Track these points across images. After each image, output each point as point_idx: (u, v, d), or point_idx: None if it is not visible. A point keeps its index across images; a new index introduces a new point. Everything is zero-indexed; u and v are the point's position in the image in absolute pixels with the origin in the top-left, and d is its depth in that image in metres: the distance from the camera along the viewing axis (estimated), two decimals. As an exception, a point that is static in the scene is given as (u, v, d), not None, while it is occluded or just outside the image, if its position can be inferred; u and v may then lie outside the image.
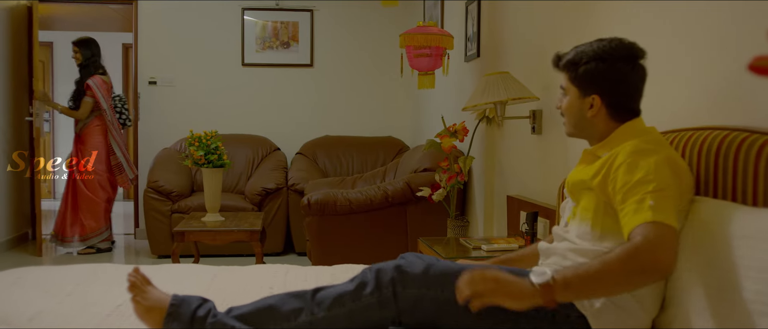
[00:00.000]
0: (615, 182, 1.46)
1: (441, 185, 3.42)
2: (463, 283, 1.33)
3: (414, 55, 3.72)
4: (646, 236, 1.30)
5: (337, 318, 1.48)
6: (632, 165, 1.43)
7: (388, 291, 1.47)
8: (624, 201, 1.41)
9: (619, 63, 1.57)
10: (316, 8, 5.85)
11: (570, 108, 1.66)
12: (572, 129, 1.69)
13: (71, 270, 2.17)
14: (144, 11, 5.63)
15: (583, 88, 1.61)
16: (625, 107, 1.60)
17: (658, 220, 1.32)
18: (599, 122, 1.62)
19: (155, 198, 4.82)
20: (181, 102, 5.69)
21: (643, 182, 1.39)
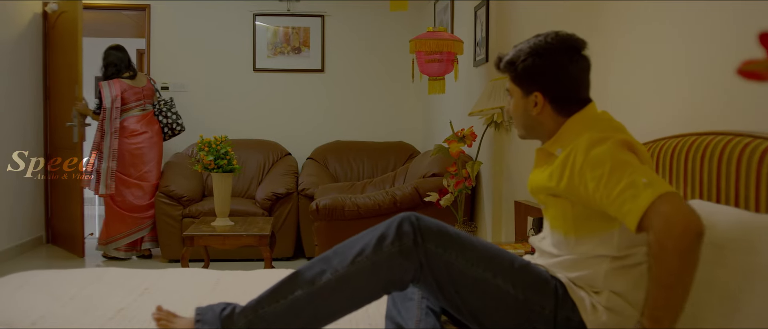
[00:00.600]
0: (586, 183, 1.39)
1: (449, 190, 3.41)
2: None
3: (425, 60, 3.72)
4: (665, 216, 1.22)
5: (361, 271, 1.45)
6: (594, 160, 1.38)
7: (409, 239, 1.44)
8: (610, 195, 1.33)
9: (555, 56, 1.53)
10: (327, 14, 5.88)
11: (516, 109, 1.63)
12: (522, 130, 1.66)
13: (76, 274, 2.19)
14: (156, 17, 5.68)
15: (524, 86, 1.58)
16: (569, 99, 1.56)
17: (660, 193, 1.25)
18: (546, 119, 1.58)
19: (166, 203, 4.85)
20: (193, 107, 5.73)
21: (616, 168, 1.33)
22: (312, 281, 1.47)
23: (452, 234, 1.48)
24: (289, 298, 1.47)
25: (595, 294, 1.45)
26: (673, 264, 1.21)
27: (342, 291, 1.46)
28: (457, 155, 3.38)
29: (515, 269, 1.46)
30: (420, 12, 5.77)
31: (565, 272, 1.50)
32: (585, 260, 1.47)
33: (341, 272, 1.45)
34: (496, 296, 1.44)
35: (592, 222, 1.45)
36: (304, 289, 1.47)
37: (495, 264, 1.46)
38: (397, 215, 1.49)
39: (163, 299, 1.93)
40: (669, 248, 1.21)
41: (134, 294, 1.97)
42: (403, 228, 1.45)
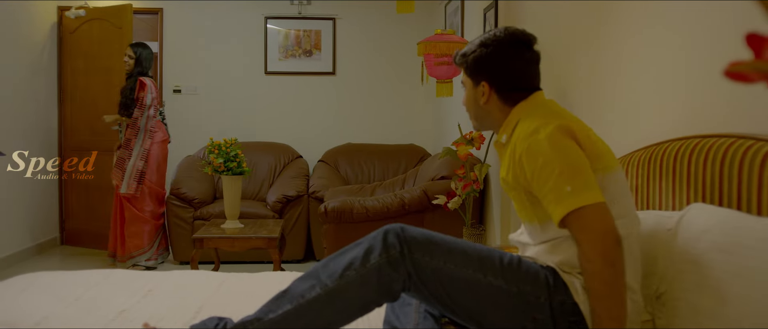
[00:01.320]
0: (524, 173, 1.48)
1: (456, 193, 3.40)
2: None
3: (435, 63, 3.71)
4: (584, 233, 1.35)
5: (350, 284, 1.45)
6: (530, 151, 1.46)
7: (395, 250, 1.45)
8: (540, 190, 1.44)
9: (501, 48, 1.61)
10: (338, 16, 5.89)
11: (468, 100, 1.70)
12: (474, 121, 1.73)
13: (82, 276, 2.20)
14: (169, 20, 5.73)
15: (474, 76, 1.66)
16: (513, 88, 1.63)
17: (581, 204, 1.35)
18: (493, 109, 1.65)
19: (178, 205, 4.88)
20: (204, 110, 5.76)
21: (547, 164, 1.41)
22: (302, 295, 1.48)
23: (438, 241, 1.49)
24: (279, 313, 1.48)
25: (581, 275, 1.47)
26: (603, 273, 1.33)
27: (332, 304, 1.46)
28: (465, 157, 3.37)
29: (504, 265, 1.48)
30: (431, 14, 5.76)
31: (549, 258, 1.53)
32: (558, 243, 1.51)
33: (330, 286, 1.46)
34: (490, 294, 1.45)
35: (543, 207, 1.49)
36: (294, 304, 1.47)
37: (484, 263, 1.47)
38: (382, 228, 1.50)
39: (166, 301, 1.94)
40: (595, 259, 1.34)
41: (138, 295, 1.99)
42: (388, 240, 1.46)
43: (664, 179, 1.75)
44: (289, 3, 5.82)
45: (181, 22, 5.75)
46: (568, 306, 1.44)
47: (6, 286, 2.07)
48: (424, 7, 5.73)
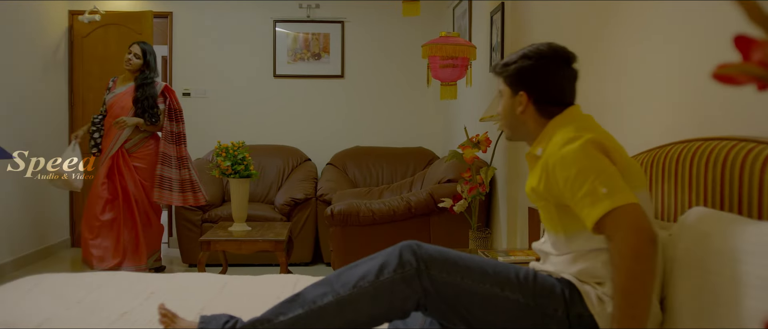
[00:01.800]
0: (557, 181, 1.49)
1: (462, 196, 3.39)
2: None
3: (440, 65, 3.71)
4: (619, 231, 1.34)
5: (362, 295, 1.47)
6: (564, 160, 1.47)
7: (411, 268, 1.47)
8: (574, 197, 1.44)
9: (543, 61, 1.64)
10: (347, 19, 5.90)
11: (504, 109, 1.72)
12: (507, 130, 1.76)
13: (87, 278, 2.22)
14: (178, 24, 5.76)
15: (513, 86, 1.68)
16: (551, 102, 1.65)
17: (617, 204, 1.36)
18: (529, 120, 1.67)
19: (186, 208, 4.90)
20: (214, 113, 5.79)
21: (582, 172, 1.42)
22: (313, 301, 1.50)
23: (454, 257, 1.51)
24: (289, 317, 1.50)
25: (599, 285, 1.49)
26: (631, 268, 1.32)
27: (343, 313, 1.48)
28: (471, 160, 3.36)
29: (521, 279, 1.49)
30: (439, 17, 5.76)
31: (568, 268, 1.53)
32: (583, 254, 1.52)
33: (343, 295, 1.48)
34: (508, 308, 1.47)
35: (576, 219, 1.50)
36: (305, 309, 1.49)
37: (501, 278, 1.49)
38: (398, 244, 1.53)
39: (168, 303, 1.95)
40: (626, 254, 1.32)
41: (140, 297, 2.00)
42: (404, 257, 1.48)
43: (666, 182, 1.74)
44: (298, 6, 5.84)
45: (191, 25, 5.78)
46: (586, 319, 1.45)
47: (11, 288, 2.08)
48: (432, 10, 5.73)
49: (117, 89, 4.39)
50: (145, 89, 4.31)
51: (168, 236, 5.78)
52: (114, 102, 4.33)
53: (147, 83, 4.33)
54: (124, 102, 4.30)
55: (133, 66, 4.35)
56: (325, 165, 5.68)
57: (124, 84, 4.40)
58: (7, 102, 4.60)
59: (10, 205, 4.59)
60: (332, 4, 5.87)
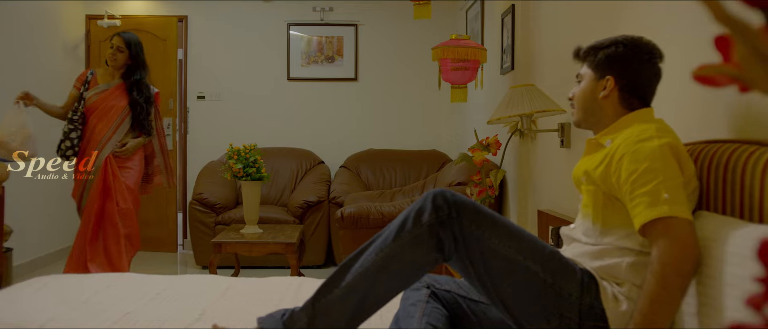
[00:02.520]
0: (619, 172, 1.46)
1: (472, 199, 3.38)
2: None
3: (452, 68, 3.70)
4: (668, 240, 1.32)
5: (404, 246, 1.48)
6: (637, 154, 1.44)
7: (444, 212, 1.47)
8: (632, 192, 1.41)
9: (639, 50, 1.63)
10: (360, 22, 5.91)
11: (583, 92, 1.70)
12: (581, 114, 1.71)
13: (93, 279, 2.25)
14: (193, 28, 5.81)
15: (599, 70, 1.66)
16: (637, 93, 1.63)
17: (675, 214, 1.34)
18: (608, 106, 1.64)
19: (200, 210, 4.94)
20: (228, 116, 5.83)
21: (651, 171, 1.40)
22: (361, 265, 1.51)
23: (486, 213, 1.52)
24: (341, 286, 1.51)
25: (617, 285, 1.49)
26: (670, 280, 1.30)
27: (389, 268, 1.49)
28: (480, 163, 3.35)
29: (546, 254, 1.50)
30: (453, 19, 5.75)
31: (590, 261, 1.53)
32: (610, 250, 1.52)
33: (386, 251, 1.49)
34: (525, 277, 1.47)
35: (619, 214, 1.50)
36: (353, 274, 1.51)
37: (526, 246, 1.49)
38: (430, 191, 1.53)
39: (172, 304, 1.97)
40: (668, 263, 1.30)
41: (145, 298, 2.01)
42: (437, 202, 1.49)
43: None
44: (312, 9, 5.87)
45: (206, 29, 5.83)
46: (597, 311, 1.45)
47: (19, 288, 2.12)
48: (445, 13, 5.72)
49: (100, 86, 3.77)
50: (141, 91, 3.79)
51: (182, 237, 5.84)
52: (99, 101, 3.73)
53: (142, 84, 3.79)
54: (113, 102, 3.72)
55: (118, 62, 3.76)
56: (339, 168, 5.69)
57: (107, 80, 3.79)
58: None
59: (28, 205, 4.65)
60: (346, 7, 5.89)
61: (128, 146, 3.76)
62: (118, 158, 3.75)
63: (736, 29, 0.55)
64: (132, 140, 3.80)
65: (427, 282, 1.74)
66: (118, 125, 3.74)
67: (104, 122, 3.71)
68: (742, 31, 0.54)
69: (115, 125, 3.73)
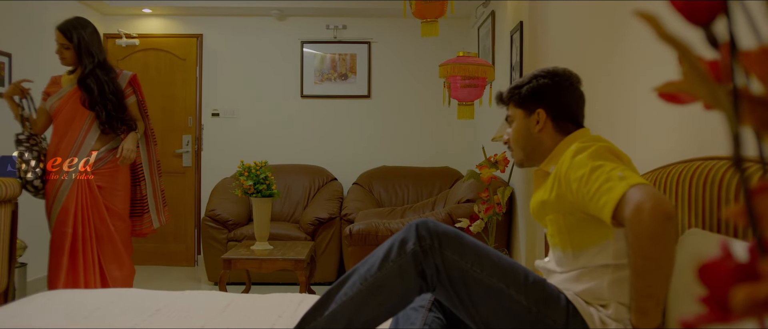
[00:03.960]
0: (569, 186, 1.48)
1: (479, 216, 3.37)
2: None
3: (461, 85, 3.71)
4: (633, 211, 1.27)
5: (389, 275, 1.49)
6: (577, 163, 1.47)
7: (426, 243, 1.49)
8: (590, 192, 1.41)
9: (559, 78, 1.70)
10: (373, 40, 5.94)
11: (517, 132, 1.74)
12: (522, 154, 1.75)
13: (96, 295, 2.27)
14: (208, 46, 5.89)
15: (527, 106, 1.71)
16: (568, 118, 1.69)
17: (633, 183, 1.32)
18: (545, 137, 1.69)
19: (212, 226, 4.97)
20: (242, 133, 5.88)
21: (596, 168, 1.42)
22: (345, 293, 1.52)
23: (469, 242, 1.52)
24: (326, 315, 1.52)
25: (603, 307, 1.48)
26: (646, 248, 1.26)
27: (374, 297, 1.50)
28: (488, 180, 3.34)
29: (529, 282, 1.49)
30: (465, 37, 5.76)
31: (572, 286, 1.53)
32: (587, 272, 1.51)
33: (371, 281, 1.50)
34: (508, 307, 1.47)
35: (585, 233, 1.50)
36: (338, 302, 1.52)
37: (509, 275, 1.49)
38: (414, 221, 1.55)
39: (171, 321, 1.98)
40: (640, 233, 1.26)
41: (145, 314, 2.03)
42: (420, 232, 1.51)
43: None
44: (325, 27, 5.92)
45: (221, 47, 5.90)
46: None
47: (23, 303, 2.14)
48: (457, 30, 5.74)
49: (63, 89, 3.31)
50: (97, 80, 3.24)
51: (196, 254, 5.88)
52: (62, 104, 3.28)
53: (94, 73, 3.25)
54: (77, 104, 3.26)
55: (67, 60, 3.29)
56: (352, 185, 5.70)
57: (68, 81, 3.33)
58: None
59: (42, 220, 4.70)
60: (359, 25, 5.93)
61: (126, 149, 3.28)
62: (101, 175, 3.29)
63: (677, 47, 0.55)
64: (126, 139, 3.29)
65: None
66: (87, 130, 3.27)
67: (73, 128, 3.26)
68: (682, 50, 0.54)
69: (85, 129, 3.27)
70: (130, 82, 3.40)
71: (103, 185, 3.30)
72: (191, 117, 5.82)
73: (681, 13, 0.51)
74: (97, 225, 3.25)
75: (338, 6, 5.65)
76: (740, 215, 0.47)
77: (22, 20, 4.58)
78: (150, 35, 5.81)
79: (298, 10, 5.75)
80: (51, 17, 4.74)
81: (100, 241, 3.26)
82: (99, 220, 3.26)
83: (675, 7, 0.50)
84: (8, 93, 3.25)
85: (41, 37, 4.78)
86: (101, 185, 3.29)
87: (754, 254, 0.47)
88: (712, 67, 0.55)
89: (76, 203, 3.21)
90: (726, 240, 0.43)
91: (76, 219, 3.20)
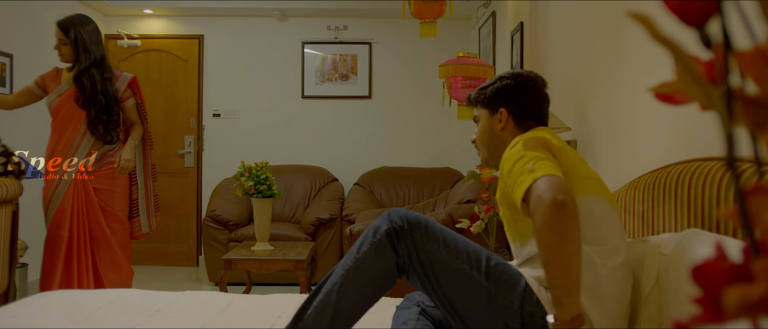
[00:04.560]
0: (504, 180, 1.55)
1: (479, 216, 3.36)
2: None
3: (462, 85, 3.70)
4: (532, 203, 1.36)
5: (366, 258, 1.55)
6: (509, 157, 1.53)
7: (397, 225, 1.55)
8: (509, 184, 1.50)
9: (522, 79, 1.77)
10: (374, 41, 5.95)
11: (482, 130, 1.80)
12: (486, 151, 1.83)
13: (97, 295, 2.27)
14: (209, 47, 5.89)
15: (491, 106, 1.78)
16: (530, 116, 1.75)
17: (537, 176, 1.39)
18: (507, 135, 1.74)
19: (213, 227, 4.97)
20: (243, 134, 5.88)
21: (517, 160, 1.48)
22: (330, 283, 1.58)
23: (437, 227, 1.59)
24: (312, 308, 1.57)
25: None
26: (546, 239, 1.33)
27: (356, 280, 1.56)
28: (488, 181, 3.33)
29: (491, 265, 1.54)
30: (466, 37, 5.76)
31: (531, 272, 1.56)
32: (535, 258, 1.56)
33: (351, 265, 1.57)
34: (471, 288, 1.52)
35: (526, 222, 1.55)
36: (324, 292, 1.57)
37: (472, 257, 1.54)
38: (387, 211, 1.61)
39: (171, 321, 1.98)
40: (539, 225, 1.33)
41: (145, 315, 2.03)
42: (392, 217, 1.58)
43: (667, 203, 1.70)
44: (326, 28, 5.92)
45: (222, 48, 5.91)
46: (538, 320, 1.47)
47: (23, 304, 2.14)
48: (458, 31, 5.75)
49: (62, 86, 3.25)
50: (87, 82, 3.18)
51: (197, 254, 5.88)
52: (61, 103, 3.23)
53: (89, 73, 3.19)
54: (70, 104, 3.21)
55: (66, 57, 3.25)
56: (352, 185, 5.70)
57: (68, 82, 3.28)
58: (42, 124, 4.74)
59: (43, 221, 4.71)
60: (360, 26, 5.93)
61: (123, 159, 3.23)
62: (99, 177, 3.25)
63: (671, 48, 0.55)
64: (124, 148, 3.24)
65: (417, 301, 1.77)
66: (86, 131, 3.23)
67: (71, 128, 3.22)
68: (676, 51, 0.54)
69: (83, 129, 3.22)
70: (130, 84, 3.36)
71: (101, 187, 3.27)
72: (193, 118, 5.83)
73: (675, 14, 0.51)
74: (92, 228, 3.22)
75: (339, 7, 5.66)
76: (734, 216, 0.47)
77: (23, 21, 4.58)
78: (151, 36, 5.82)
79: (299, 10, 5.76)
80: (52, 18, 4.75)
81: (96, 244, 3.22)
82: (95, 222, 3.22)
83: (669, 8, 0.50)
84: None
85: (42, 37, 4.79)
86: (99, 187, 3.26)
87: (747, 255, 0.47)
88: (706, 67, 0.55)
89: (73, 204, 3.18)
90: (720, 241, 0.43)
91: (71, 221, 3.17)
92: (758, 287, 0.44)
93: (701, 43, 0.51)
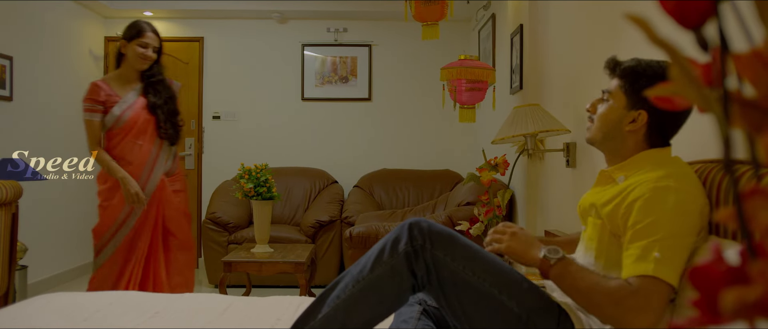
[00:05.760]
0: (627, 216, 1.39)
1: (479, 218, 3.37)
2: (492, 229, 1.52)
3: (465, 88, 3.70)
4: (641, 291, 1.28)
5: (382, 276, 1.47)
6: (649, 202, 1.36)
7: (417, 242, 1.47)
8: (631, 241, 1.36)
9: None
10: (374, 43, 5.95)
11: (608, 114, 1.56)
12: (599, 136, 1.59)
13: (97, 297, 2.27)
14: (209, 49, 5.90)
15: (634, 100, 1.51)
16: (664, 132, 1.54)
17: (659, 276, 1.28)
18: (631, 140, 1.54)
19: (213, 229, 4.97)
20: (242, 136, 5.89)
21: (654, 225, 1.33)
22: (337, 295, 1.50)
23: (462, 243, 1.49)
24: (319, 318, 1.50)
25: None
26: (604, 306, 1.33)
27: (367, 299, 1.48)
28: (488, 183, 3.34)
29: (523, 289, 1.47)
30: (466, 39, 5.76)
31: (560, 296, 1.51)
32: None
33: (364, 282, 1.48)
34: (499, 312, 1.45)
35: (617, 252, 1.44)
36: (331, 305, 1.50)
37: (502, 280, 1.46)
38: (407, 220, 1.52)
39: (170, 323, 1.98)
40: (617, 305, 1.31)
41: (144, 316, 2.03)
42: (413, 232, 1.48)
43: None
44: (326, 30, 5.92)
45: (222, 50, 5.91)
46: None
47: (22, 306, 2.14)
48: (458, 33, 5.75)
49: (128, 97, 3.15)
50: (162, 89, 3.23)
51: (197, 257, 5.87)
52: (135, 116, 3.13)
53: (159, 81, 3.22)
54: (145, 115, 3.16)
55: (147, 63, 3.19)
56: (352, 188, 5.70)
57: (126, 89, 3.18)
58: (42, 126, 4.76)
59: (43, 222, 4.72)
60: (360, 28, 5.94)
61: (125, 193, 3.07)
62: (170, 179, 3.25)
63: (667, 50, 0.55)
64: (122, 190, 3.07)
65: (419, 299, 1.73)
66: (161, 141, 3.19)
67: (147, 139, 3.14)
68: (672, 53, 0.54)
69: (158, 139, 3.17)
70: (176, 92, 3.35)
71: (179, 189, 3.29)
72: (193, 120, 5.83)
73: (672, 16, 0.51)
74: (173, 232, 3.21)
75: (339, 9, 5.66)
76: (731, 219, 0.47)
77: (23, 23, 4.59)
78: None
79: (298, 13, 5.76)
80: (52, 20, 4.77)
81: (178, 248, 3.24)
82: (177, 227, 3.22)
83: (666, 10, 0.50)
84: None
85: (42, 40, 4.80)
86: (177, 189, 3.27)
87: (744, 257, 0.47)
88: (704, 70, 0.55)
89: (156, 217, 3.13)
90: (717, 243, 0.43)
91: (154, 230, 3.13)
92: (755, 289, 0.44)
93: (698, 45, 0.51)
